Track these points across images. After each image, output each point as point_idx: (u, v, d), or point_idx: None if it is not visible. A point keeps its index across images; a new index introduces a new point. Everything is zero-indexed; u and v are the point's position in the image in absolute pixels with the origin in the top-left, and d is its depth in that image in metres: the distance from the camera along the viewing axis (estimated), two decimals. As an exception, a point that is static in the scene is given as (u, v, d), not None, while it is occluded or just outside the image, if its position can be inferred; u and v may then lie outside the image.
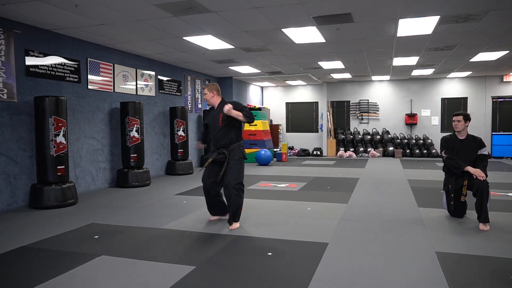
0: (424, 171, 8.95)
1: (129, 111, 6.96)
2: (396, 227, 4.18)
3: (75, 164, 6.27)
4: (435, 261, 3.12)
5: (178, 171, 8.63)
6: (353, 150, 13.28)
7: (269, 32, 6.14)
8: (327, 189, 6.45)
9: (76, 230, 4.16)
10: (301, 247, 3.55)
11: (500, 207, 4.98)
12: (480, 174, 4.06)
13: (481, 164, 4.22)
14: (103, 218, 4.69)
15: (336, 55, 8.28)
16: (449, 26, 5.82)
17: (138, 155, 7.07)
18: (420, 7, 4.92)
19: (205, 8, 4.84)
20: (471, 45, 7.31)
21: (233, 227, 4.15)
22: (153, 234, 3.97)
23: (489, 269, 2.95)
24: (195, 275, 2.86)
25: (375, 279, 2.77)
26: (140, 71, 7.95)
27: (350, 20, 5.47)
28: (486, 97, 12.34)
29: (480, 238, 3.76)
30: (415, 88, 13.01)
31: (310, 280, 2.75)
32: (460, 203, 4.40)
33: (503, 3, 4.77)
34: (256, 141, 11.51)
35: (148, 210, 5.13)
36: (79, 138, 6.36)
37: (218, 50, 7.47)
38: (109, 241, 3.73)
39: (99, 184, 6.81)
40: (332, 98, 13.89)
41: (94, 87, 6.67)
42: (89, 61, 6.55)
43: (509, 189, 6.41)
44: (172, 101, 9.18)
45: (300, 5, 4.78)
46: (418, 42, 6.94)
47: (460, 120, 4.33)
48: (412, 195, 5.93)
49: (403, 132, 13.17)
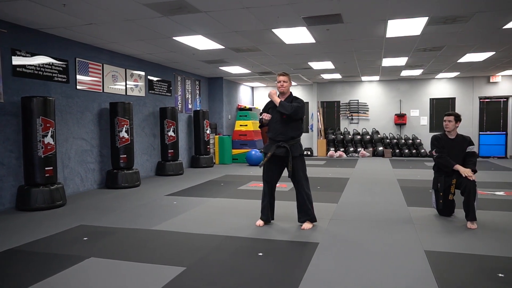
0: (413, 171, 9.04)
1: (118, 112, 6.90)
2: (386, 226, 4.21)
3: (64, 165, 6.19)
4: (424, 259, 3.15)
5: (168, 172, 8.58)
6: (343, 150, 13.36)
7: (259, 33, 6.15)
8: (317, 189, 6.48)
9: (64, 232, 4.11)
10: (292, 247, 3.56)
11: (487, 206, 5.05)
12: (469, 174, 4.13)
13: (470, 161, 4.30)
14: (92, 219, 4.64)
15: (326, 56, 8.32)
16: (437, 27, 5.89)
17: (128, 155, 7.01)
18: (409, 8, 4.97)
19: (195, 8, 4.82)
20: (459, 46, 7.41)
21: (306, 227, 4.09)
22: (143, 235, 3.94)
23: (477, 267, 2.98)
24: (185, 276, 2.85)
25: (365, 279, 2.79)
26: (130, 71, 7.89)
27: (340, 21, 5.50)
28: (474, 98, 12.51)
29: (468, 236, 3.81)
30: (404, 89, 13.13)
31: (300, 280, 2.76)
32: (448, 202, 4.46)
33: (490, 5, 4.85)
34: (246, 141, 11.51)
35: (138, 211, 5.09)
36: (68, 139, 6.28)
37: (208, 50, 7.45)
38: (99, 243, 3.69)
39: (88, 185, 6.74)
40: (322, 99, 13.95)
41: (83, 87, 6.60)
42: (78, 61, 6.48)
43: (496, 188, 6.51)
44: (162, 102, 9.12)
45: (290, 6, 4.79)
46: (407, 43, 7.01)
47: (451, 121, 4.40)
48: (402, 195, 5.98)
49: (393, 132, 13.28)
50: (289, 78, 4.16)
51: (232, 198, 5.90)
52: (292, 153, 4.01)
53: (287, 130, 4.03)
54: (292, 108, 3.97)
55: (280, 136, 4.03)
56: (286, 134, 4.03)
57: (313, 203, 4.18)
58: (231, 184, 7.20)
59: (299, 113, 4.03)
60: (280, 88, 4.14)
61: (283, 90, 4.14)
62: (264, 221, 4.24)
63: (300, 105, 4.05)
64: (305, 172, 4.15)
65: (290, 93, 4.22)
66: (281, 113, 4.02)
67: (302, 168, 4.11)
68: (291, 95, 4.20)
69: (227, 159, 11.14)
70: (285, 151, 4.00)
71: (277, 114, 4.06)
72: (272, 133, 4.11)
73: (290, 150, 3.99)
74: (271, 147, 4.06)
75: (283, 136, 4.03)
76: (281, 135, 4.03)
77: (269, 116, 4.11)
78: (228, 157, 11.16)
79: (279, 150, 4.01)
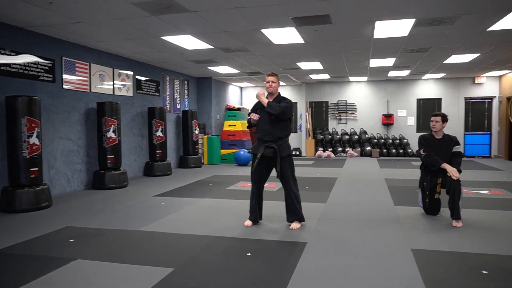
0: (400, 170, 9.14)
1: (106, 112, 6.83)
2: (373, 225, 4.25)
3: (50, 166, 6.10)
4: (411, 258, 3.19)
5: (156, 172, 8.52)
6: (331, 150, 13.43)
7: (248, 33, 6.15)
8: (305, 189, 6.51)
9: (50, 234, 4.04)
10: (280, 247, 3.57)
11: (472, 205, 5.14)
12: (454, 174, 4.19)
13: (455, 160, 4.37)
14: (78, 221, 4.58)
15: (314, 56, 8.36)
16: (424, 29, 5.96)
17: (115, 156, 6.94)
18: (396, 9, 5.02)
19: (184, 7, 4.80)
20: (445, 48, 7.52)
21: (295, 227, 4.11)
22: (130, 237, 3.91)
23: (462, 265, 3.03)
24: (174, 277, 2.83)
25: (352, 278, 2.81)
26: (118, 71, 7.81)
27: (328, 22, 5.53)
28: (459, 98, 12.71)
29: (453, 234, 3.87)
30: (392, 89, 13.27)
31: (289, 280, 2.76)
32: (434, 201, 4.53)
33: (475, 7, 4.93)
34: (235, 142, 11.49)
35: (126, 212, 5.04)
36: (54, 139, 6.19)
37: (197, 50, 7.42)
38: (85, 245, 3.64)
39: (75, 186, 6.65)
40: (311, 99, 14.01)
41: (70, 87, 6.51)
42: (64, 60, 6.39)
43: (480, 187, 6.62)
44: (151, 101, 9.05)
45: (279, 6, 4.80)
46: (395, 44, 7.09)
47: (438, 121, 4.47)
48: (389, 194, 6.05)
49: (380, 132, 13.41)
50: (278, 79, 4.17)
51: (220, 198, 5.89)
52: (280, 153, 4.02)
53: (275, 131, 4.04)
54: (280, 108, 3.98)
55: (268, 137, 4.04)
56: (274, 135, 4.04)
57: (301, 203, 4.20)
58: (220, 185, 7.18)
59: (287, 113, 4.04)
60: (269, 88, 4.14)
61: (272, 90, 4.14)
62: (253, 221, 4.25)
63: (288, 105, 4.06)
64: (294, 172, 4.17)
65: (279, 93, 4.23)
66: (269, 114, 4.03)
67: (291, 168, 4.12)
68: (279, 95, 4.21)
69: (216, 159, 11.11)
70: (273, 152, 4.01)
71: (265, 114, 4.07)
72: (260, 134, 4.11)
73: (278, 150, 4.00)
74: (259, 147, 4.07)
75: (271, 136, 4.03)
76: (269, 136, 4.04)
77: (257, 117, 4.12)
78: (216, 157, 11.14)
79: (268, 151, 4.01)
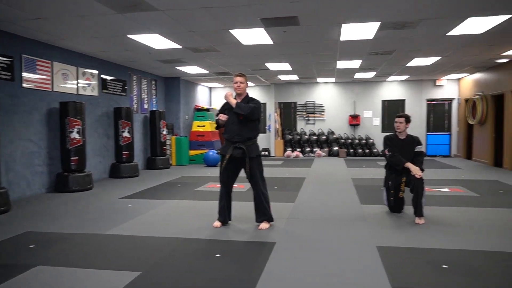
0: (366, 170, 9.38)
1: (69, 112, 6.59)
2: (340, 224, 4.34)
3: (8, 168, 5.81)
4: (375, 254, 3.28)
5: (123, 174, 8.31)
6: (299, 150, 13.59)
7: (217, 33, 6.12)
8: (274, 189, 6.55)
9: (8, 239, 3.85)
10: (249, 247, 3.58)
11: (433, 202, 5.35)
12: (417, 173, 4.35)
13: (418, 160, 4.54)
14: (39, 225, 4.39)
15: (283, 57, 8.44)
16: (388, 32, 6.15)
17: (79, 157, 6.71)
18: (362, 13, 5.15)
19: (151, 6, 4.71)
20: (408, 51, 7.80)
21: (264, 227, 4.11)
22: (95, 241, 3.79)
23: (424, 260, 3.15)
24: (140, 281, 2.77)
25: (320, 276, 2.86)
26: (82, 70, 7.56)
27: (296, 23, 5.59)
28: (422, 100, 13.20)
29: (416, 231, 4.01)
30: (358, 90, 13.60)
31: (257, 280, 2.77)
32: (398, 199, 4.68)
33: (435, 12, 5.14)
34: (204, 142, 11.41)
35: (90, 215, 4.88)
36: (13, 141, 5.91)
37: (165, 49, 7.31)
38: (47, 250, 3.50)
39: (36, 189, 6.38)
40: (280, 99, 14.13)
41: (30, 86, 6.23)
42: (24, 58, 6.11)
43: (441, 185, 6.90)
44: (117, 102, 8.82)
45: (247, 7, 4.80)
46: (360, 46, 7.27)
47: (402, 122, 4.64)
48: (355, 193, 6.19)
49: (347, 132, 13.71)
50: (246, 79, 4.18)
51: (189, 199, 5.83)
52: (249, 154, 4.03)
53: (244, 131, 4.05)
54: (249, 109, 3.99)
55: (237, 137, 4.04)
56: (242, 135, 4.04)
57: (270, 203, 4.22)
58: (188, 186, 7.10)
59: (256, 114, 4.06)
60: (237, 89, 4.14)
61: (240, 91, 4.14)
62: (222, 222, 4.23)
63: (257, 106, 4.07)
64: (262, 172, 4.19)
65: (247, 94, 4.24)
66: (238, 114, 4.02)
67: (259, 168, 4.14)
68: (248, 96, 4.22)
69: (184, 160, 10.98)
70: (242, 152, 4.01)
71: (233, 115, 4.06)
72: (228, 134, 4.10)
73: (247, 151, 4.01)
74: (228, 148, 4.06)
75: (240, 137, 4.03)
76: (237, 136, 4.04)
77: (226, 117, 4.11)
78: (185, 158, 11.00)
79: (236, 151, 4.01)
